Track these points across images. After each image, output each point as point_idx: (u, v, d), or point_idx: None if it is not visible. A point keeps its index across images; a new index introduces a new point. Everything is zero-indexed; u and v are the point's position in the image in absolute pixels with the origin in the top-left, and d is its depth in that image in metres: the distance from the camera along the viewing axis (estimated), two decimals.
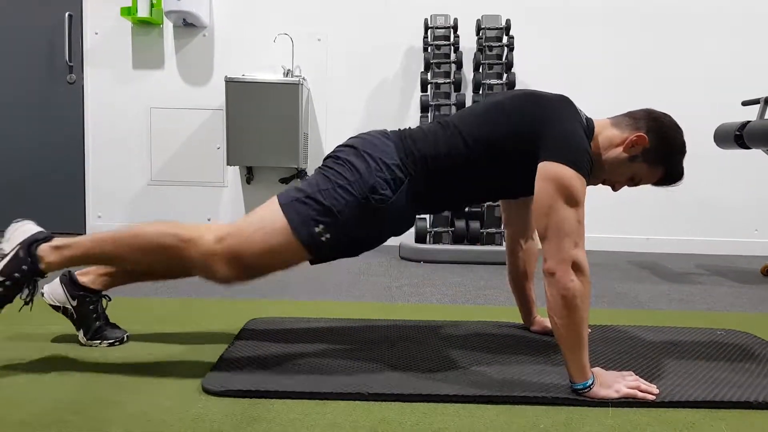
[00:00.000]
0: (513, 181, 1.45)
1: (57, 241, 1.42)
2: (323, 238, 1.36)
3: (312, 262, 1.43)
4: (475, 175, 1.44)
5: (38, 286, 1.46)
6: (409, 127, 1.54)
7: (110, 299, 1.65)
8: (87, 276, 1.58)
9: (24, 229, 1.43)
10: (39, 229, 1.46)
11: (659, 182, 1.49)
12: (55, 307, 1.58)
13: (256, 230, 1.36)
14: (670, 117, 1.47)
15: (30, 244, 1.40)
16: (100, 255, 1.42)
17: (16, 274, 1.37)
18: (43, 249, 1.40)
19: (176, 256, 1.36)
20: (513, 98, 1.45)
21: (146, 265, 1.45)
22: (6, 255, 1.39)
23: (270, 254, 1.36)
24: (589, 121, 1.46)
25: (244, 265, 1.36)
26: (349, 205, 1.36)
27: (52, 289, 1.58)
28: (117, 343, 1.60)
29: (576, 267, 1.27)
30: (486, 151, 1.41)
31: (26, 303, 1.43)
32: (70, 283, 1.56)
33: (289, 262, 1.41)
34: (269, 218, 1.37)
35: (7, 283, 1.36)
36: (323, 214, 1.35)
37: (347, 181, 1.37)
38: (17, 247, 1.39)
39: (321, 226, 1.35)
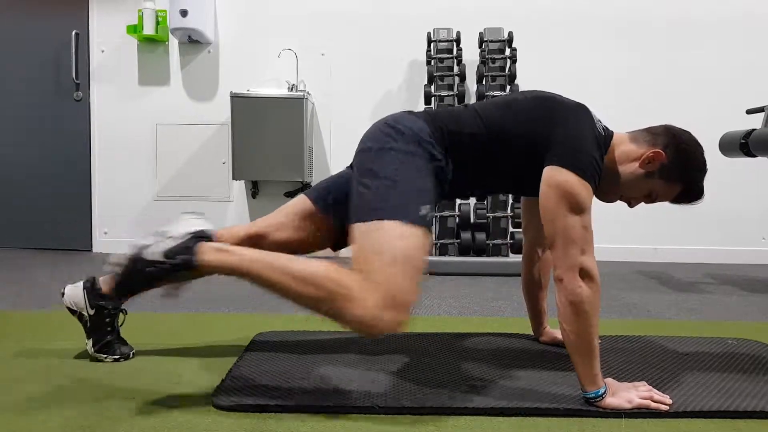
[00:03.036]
0: (523, 177, 1.44)
1: (221, 244, 1.34)
2: (429, 216, 1.34)
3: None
4: (490, 162, 1.44)
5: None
6: (435, 107, 1.54)
7: (126, 313, 1.64)
8: (110, 285, 1.53)
9: (197, 222, 1.37)
10: (210, 226, 1.40)
11: (677, 200, 1.46)
12: (72, 311, 1.58)
13: (397, 255, 1.27)
14: (689, 134, 1.44)
15: (198, 237, 1.33)
16: (256, 275, 1.29)
17: (178, 259, 1.27)
18: (205, 246, 1.31)
19: (335, 308, 1.26)
20: (531, 98, 1.46)
21: (296, 301, 1.33)
22: (174, 238, 1.31)
23: (418, 264, 1.30)
24: (608, 132, 1.45)
25: (406, 299, 1.27)
26: (427, 177, 1.37)
27: (73, 293, 1.57)
28: (122, 359, 1.60)
29: (584, 274, 1.26)
30: (500, 142, 1.41)
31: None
32: (92, 291, 1.56)
33: (424, 259, 1.33)
34: (392, 236, 1.29)
35: (166, 265, 1.27)
36: (415, 196, 1.33)
37: (409, 159, 1.36)
38: (188, 235, 1.32)
39: (423, 207, 1.33)
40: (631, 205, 1.50)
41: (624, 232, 3.93)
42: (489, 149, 1.42)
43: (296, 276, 1.26)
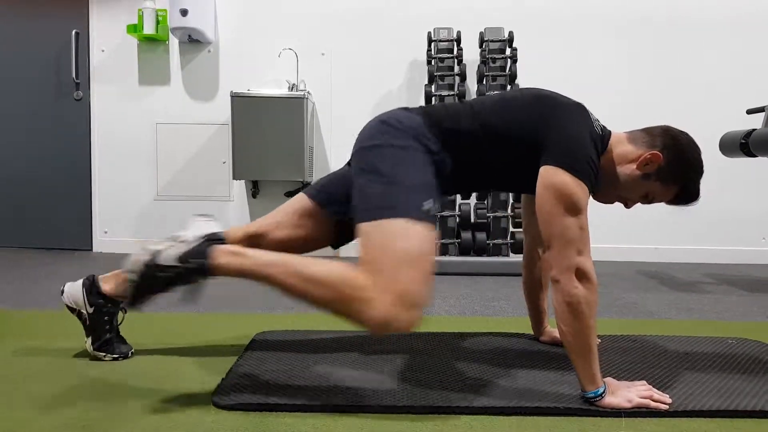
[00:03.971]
0: (520, 175, 1.44)
1: (234, 247, 1.34)
2: (432, 211, 1.34)
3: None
4: (487, 159, 1.44)
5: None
6: (432, 104, 1.54)
7: (126, 312, 1.64)
8: (109, 283, 1.57)
9: (210, 225, 1.39)
10: (221, 228, 1.42)
11: (673, 201, 1.46)
12: (71, 309, 1.58)
13: (405, 254, 1.27)
14: (687, 135, 1.44)
15: (210, 240, 1.34)
16: (269, 277, 1.29)
17: (191, 263, 1.28)
18: (219, 250, 1.31)
19: (350, 310, 1.26)
20: (528, 96, 1.45)
21: (310, 303, 1.32)
22: (188, 242, 1.32)
23: (429, 262, 1.30)
24: (606, 132, 1.45)
25: (419, 296, 1.27)
26: (428, 171, 1.36)
27: (72, 291, 1.57)
28: (121, 358, 1.60)
29: (580, 274, 1.27)
30: (496, 139, 1.41)
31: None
32: (91, 289, 1.56)
33: (433, 256, 1.33)
34: (398, 235, 1.28)
35: (180, 269, 1.28)
36: (420, 190, 1.33)
37: (407, 154, 1.36)
38: (200, 239, 1.33)
39: (427, 202, 1.33)
40: (627, 206, 1.50)
41: (624, 232, 3.93)
42: (485, 146, 1.42)
43: (309, 278, 1.26)
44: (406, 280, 1.24)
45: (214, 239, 1.34)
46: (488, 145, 1.42)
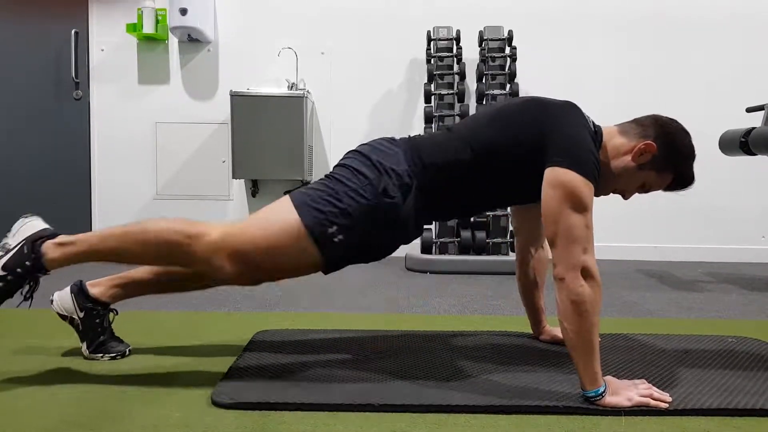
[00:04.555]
0: (519, 188, 1.45)
1: (62, 238, 1.41)
2: (336, 239, 1.36)
3: (325, 271, 1.43)
4: (481, 183, 1.44)
5: (39, 283, 1.44)
6: (418, 134, 1.55)
7: (117, 313, 1.64)
8: (97, 288, 1.58)
9: (31, 225, 1.44)
10: (45, 225, 1.46)
11: (669, 187, 1.48)
12: (62, 317, 1.58)
13: (266, 227, 1.36)
14: (677, 122, 1.46)
15: (35, 240, 1.40)
16: (105, 251, 1.39)
17: (19, 269, 1.36)
18: (48, 245, 1.39)
19: (180, 251, 1.35)
20: (518, 105, 1.46)
21: (150, 261, 1.45)
22: (11, 250, 1.39)
23: (280, 253, 1.35)
24: (597, 128, 1.45)
25: (250, 264, 1.35)
26: (363, 208, 1.36)
27: (62, 298, 1.57)
28: (119, 356, 1.60)
29: (585, 272, 1.27)
30: (491, 158, 1.41)
31: (26, 299, 1.43)
32: (80, 294, 1.56)
33: (299, 266, 1.40)
34: (281, 217, 1.37)
35: (9, 277, 1.36)
36: (338, 215, 1.35)
37: (359, 185, 1.38)
38: (22, 242, 1.39)
39: (335, 227, 1.35)
40: (625, 197, 1.51)
41: (624, 231, 3.93)
42: (477, 170, 1.42)
43: (139, 234, 1.36)
44: (243, 233, 1.33)
45: (43, 236, 1.41)
46: (483, 168, 1.41)
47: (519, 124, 1.40)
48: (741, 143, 2.73)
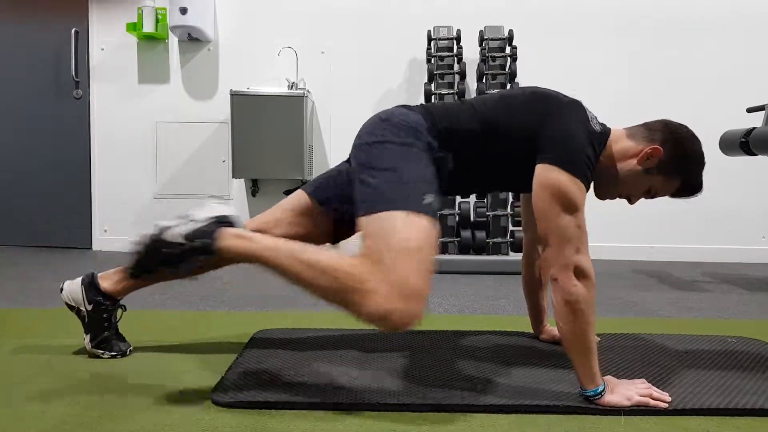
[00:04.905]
0: (518, 173, 1.44)
1: (242, 231, 1.34)
2: (434, 204, 1.32)
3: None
4: (486, 157, 1.44)
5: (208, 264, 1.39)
6: (432, 102, 1.54)
7: (125, 309, 1.64)
8: (108, 281, 1.57)
9: (222, 208, 1.39)
10: (236, 214, 1.41)
11: (676, 194, 1.46)
12: (70, 307, 1.58)
13: (404, 246, 1.25)
14: (687, 128, 1.44)
15: (220, 222, 1.34)
16: (273, 263, 1.28)
17: (197, 241, 1.29)
18: (228, 231, 1.32)
19: (350, 302, 1.24)
20: (524, 93, 1.46)
21: (309, 291, 1.31)
22: (197, 221, 1.33)
23: (425, 256, 1.27)
24: (605, 129, 1.44)
25: (419, 288, 1.24)
26: (426, 169, 1.35)
27: (71, 289, 1.57)
28: (119, 355, 1.60)
29: (579, 272, 1.26)
30: (495, 137, 1.41)
31: (192, 275, 1.39)
32: (90, 287, 1.56)
33: (433, 248, 1.31)
34: (397, 226, 1.26)
35: (186, 246, 1.29)
36: (417, 185, 1.32)
37: (410, 154, 1.35)
38: (212, 220, 1.34)
39: (426, 195, 1.31)
40: (631, 201, 1.50)
41: (622, 231, 3.93)
42: (484, 145, 1.42)
43: (313, 265, 1.25)
44: (404, 271, 1.22)
45: (225, 222, 1.34)
46: (487, 144, 1.42)
47: (522, 110, 1.41)
48: (741, 143, 2.73)
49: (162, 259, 1.31)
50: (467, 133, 1.42)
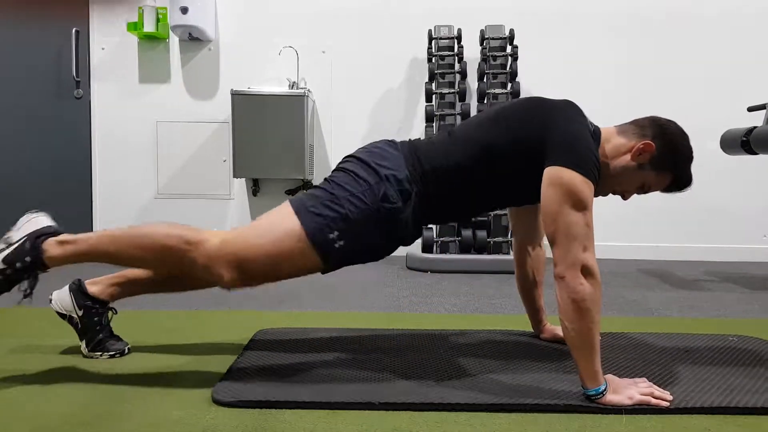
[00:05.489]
0: (521, 189, 1.45)
1: (64, 236, 1.42)
2: (337, 245, 1.36)
3: (323, 271, 1.43)
4: (481, 185, 1.44)
5: (38, 280, 1.45)
6: (418, 138, 1.55)
7: (116, 312, 1.65)
8: (96, 286, 1.58)
9: (35, 221, 1.44)
10: (50, 222, 1.47)
11: (668, 188, 1.48)
12: (61, 315, 1.59)
13: (265, 234, 1.36)
14: (675, 123, 1.46)
15: (37, 237, 1.41)
16: (104, 252, 1.40)
17: (18, 264, 1.37)
18: (49, 242, 1.40)
19: (179, 258, 1.35)
20: (518, 105, 1.46)
21: (149, 265, 1.46)
22: (12, 244, 1.40)
23: (280, 259, 1.36)
24: (596, 129, 1.46)
25: (250, 270, 1.35)
26: (363, 213, 1.36)
27: (60, 297, 1.58)
28: (117, 355, 1.60)
29: (586, 271, 1.26)
30: (492, 160, 1.41)
31: (25, 296, 1.43)
32: (79, 293, 1.57)
33: (299, 269, 1.40)
34: (281, 224, 1.36)
35: (8, 271, 1.37)
36: (338, 221, 1.35)
37: (360, 190, 1.38)
38: (25, 238, 1.40)
39: (336, 233, 1.35)
40: (624, 197, 1.51)
41: (624, 230, 3.93)
42: (477, 176, 1.42)
43: (140, 240, 1.36)
44: (244, 241, 1.33)
45: (45, 233, 1.42)
46: (482, 170, 1.41)
47: (519, 123, 1.41)
48: (742, 142, 2.72)
49: None
50: (459, 167, 1.42)
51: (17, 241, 1.40)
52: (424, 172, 1.41)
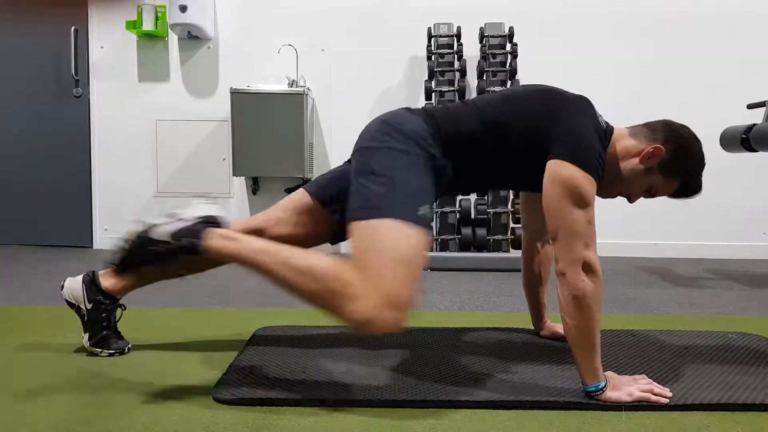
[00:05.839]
0: (524, 171, 1.44)
1: (228, 232, 1.34)
2: (427, 215, 1.32)
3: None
4: (490, 158, 1.43)
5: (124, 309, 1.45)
6: (432, 105, 1.53)
7: (125, 309, 1.64)
8: (109, 279, 1.57)
9: (210, 208, 1.39)
10: (222, 214, 1.41)
11: (675, 194, 1.47)
12: (70, 304, 1.58)
13: (393, 254, 1.25)
14: (688, 129, 1.44)
15: (208, 222, 1.34)
16: (259, 265, 1.28)
17: (183, 239, 1.29)
18: (214, 232, 1.32)
19: (336, 306, 1.24)
20: (531, 91, 1.46)
21: (295, 294, 1.31)
22: (185, 220, 1.33)
23: (413, 266, 1.27)
24: (609, 127, 1.45)
25: (405, 298, 1.24)
26: (423, 176, 1.34)
27: (72, 286, 1.57)
28: (117, 353, 1.60)
29: (587, 267, 1.27)
30: (501, 137, 1.40)
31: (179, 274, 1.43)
32: (91, 285, 1.56)
33: (422, 259, 1.32)
34: (386, 236, 1.27)
35: (171, 244, 1.29)
36: (413, 194, 1.32)
37: (408, 161, 1.34)
38: (200, 219, 1.34)
39: (421, 208, 1.31)
40: (631, 200, 1.50)
41: (624, 228, 3.93)
42: (488, 146, 1.41)
43: (298, 269, 1.26)
44: (391, 280, 1.22)
45: (212, 222, 1.35)
46: (492, 144, 1.41)
47: (529, 109, 1.40)
48: (742, 140, 2.73)
49: (147, 257, 1.31)
50: (470, 135, 1.41)
51: (190, 219, 1.33)
52: (442, 135, 1.40)
